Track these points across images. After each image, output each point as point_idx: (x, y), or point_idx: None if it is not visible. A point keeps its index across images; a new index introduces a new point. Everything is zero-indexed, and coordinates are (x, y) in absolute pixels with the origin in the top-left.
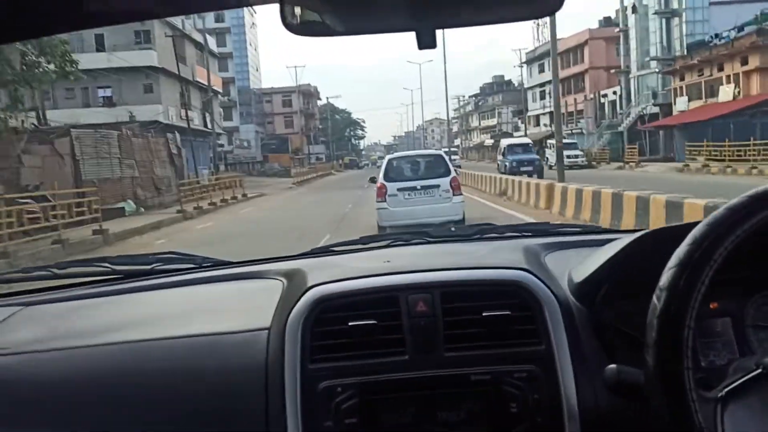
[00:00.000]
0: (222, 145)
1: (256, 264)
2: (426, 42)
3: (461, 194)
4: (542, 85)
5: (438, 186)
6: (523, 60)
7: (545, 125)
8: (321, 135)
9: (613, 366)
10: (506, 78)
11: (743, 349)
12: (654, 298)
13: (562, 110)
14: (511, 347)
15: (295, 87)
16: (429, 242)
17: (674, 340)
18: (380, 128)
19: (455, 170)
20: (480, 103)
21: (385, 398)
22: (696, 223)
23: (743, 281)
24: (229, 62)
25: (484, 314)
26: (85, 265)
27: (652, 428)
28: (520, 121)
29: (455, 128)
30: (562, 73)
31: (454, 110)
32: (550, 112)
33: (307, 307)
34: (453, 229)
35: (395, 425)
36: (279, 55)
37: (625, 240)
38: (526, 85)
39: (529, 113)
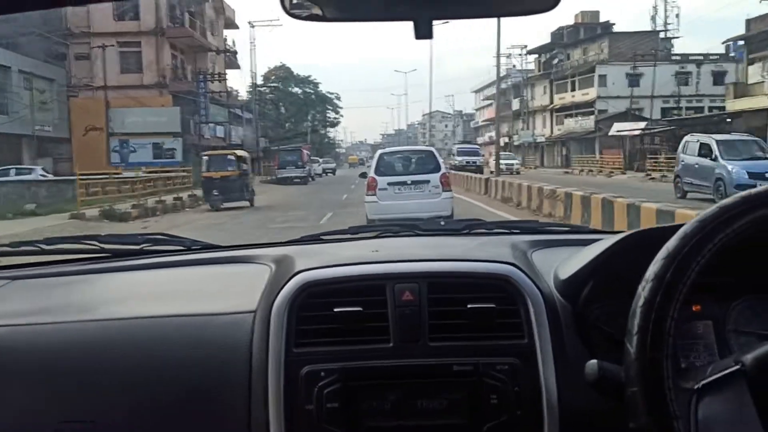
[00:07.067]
0: None
1: (245, 249)
2: (423, 32)
3: (450, 190)
4: None
5: (428, 181)
6: None
7: None
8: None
9: (593, 361)
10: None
11: (723, 353)
12: (639, 288)
13: None
14: (495, 340)
15: None
16: (418, 235)
17: (656, 328)
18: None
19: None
20: (557, 63)
21: (368, 385)
22: (683, 224)
23: (727, 286)
24: None
25: (469, 306)
26: (73, 241)
27: (628, 423)
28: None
29: (486, 115)
30: None
31: (479, 91)
32: None
33: (293, 291)
34: (442, 223)
35: (376, 411)
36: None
37: (611, 240)
38: None
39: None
